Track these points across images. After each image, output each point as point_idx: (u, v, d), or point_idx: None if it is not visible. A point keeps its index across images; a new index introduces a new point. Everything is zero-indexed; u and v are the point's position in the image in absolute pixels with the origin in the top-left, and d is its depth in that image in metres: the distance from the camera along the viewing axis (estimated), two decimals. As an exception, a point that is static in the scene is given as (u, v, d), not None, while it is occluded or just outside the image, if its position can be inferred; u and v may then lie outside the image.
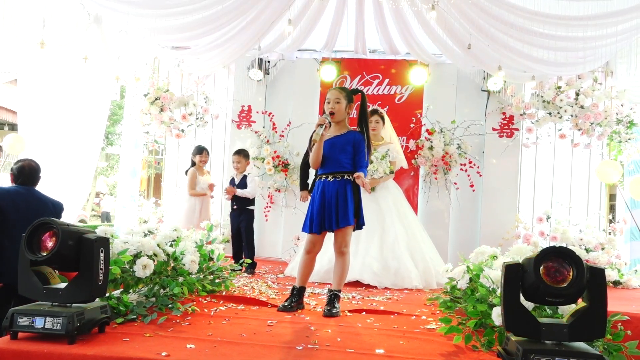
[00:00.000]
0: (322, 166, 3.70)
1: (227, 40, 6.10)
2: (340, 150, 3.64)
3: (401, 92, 7.22)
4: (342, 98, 3.67)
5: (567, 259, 2.31)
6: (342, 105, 3.66)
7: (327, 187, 3.65)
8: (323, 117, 3.60)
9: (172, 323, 3.03)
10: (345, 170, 3.65)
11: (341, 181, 3.63)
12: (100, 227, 3.37)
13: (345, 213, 3.58)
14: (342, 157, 3.64)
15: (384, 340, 2.90)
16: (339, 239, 3.66)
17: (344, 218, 3.57)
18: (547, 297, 2.33)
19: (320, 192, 3.67)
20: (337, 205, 3.59)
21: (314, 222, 3.65)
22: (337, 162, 3.65)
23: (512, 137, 7.07)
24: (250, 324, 3.13)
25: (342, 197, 3.59)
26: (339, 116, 3.67)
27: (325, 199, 3.63)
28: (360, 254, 5.33)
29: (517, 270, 2.41)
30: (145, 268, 3.28)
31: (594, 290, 2.33)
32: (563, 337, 2.34)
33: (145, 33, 5.55)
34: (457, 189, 7.05)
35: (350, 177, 3.64)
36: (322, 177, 3.70)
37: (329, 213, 3.60)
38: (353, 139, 3.65)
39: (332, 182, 3.64)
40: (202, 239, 4.18)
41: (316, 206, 3.66)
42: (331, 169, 3.67)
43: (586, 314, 2.34)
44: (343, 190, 3.61)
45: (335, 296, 3.61)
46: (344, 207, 3.58)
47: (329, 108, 3.63)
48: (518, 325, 2.39)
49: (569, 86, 6.55)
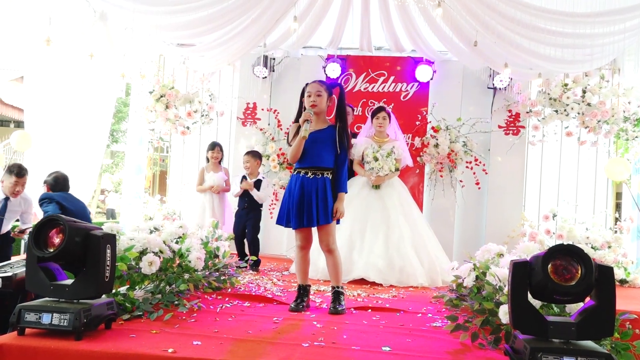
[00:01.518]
0: (301, 160, 3.65)
1: (232, 37, 6.10)
2: (321, 145, 3.60)
3: (406, 89, 7.19)
4: (323, 91, 3.62)
5: (575, 257, 2.30)
6: (323, 98, 3.61)
7: (306, 183, 3.60)
8: (307, 112, 3.55)
9: (178, 320, 3.03)
10: (325, 167, 3.62)
11: (321, 179, 3.60)
12: (106, 224, 3.38)
13: (326, 211, 3.56)
14: (324, 153, 3.60)
15: (390, 338, 2.89)
16: (324, 237, 3.65)
17: (324, 216, 3.56)
18: (555, 295, 2.31)
19: (298, 186, 3.61)
20: (317, 202, 3.56)
21: (292, 218, 3.61)
22: (317, 158, 3.60)
23: (518, 135, 7.04)
24: (256, 321, 3.13)
25: (322, 195, 3.56)
26: (320, 109, 3.62)
27: (304, 194, 3.58)
28: (365, 252, 5.32)
29: (525, 268, 2.39)
30: (151, 265, 3.28)
31: (602, 288, 2.31)
32: (571, 335, 2.32)
33: (150, 30, 5.55)
34: (463, 187, 7.02)
35: (329, 175, 3.62)
36: (301, 172, 3.65)
37: (309, 210, 3.56)
38: (334, 134, 3.61)
39: (312, 179, 3.60)
40: (207, 236, 4.18)
41: (294, 201, 3.60)
42: (311, 164, 3.62)
43: (594, 312, 2.33)
44: (323, 188, 3.58)
45: (339, 293, 3.62)
46: (324, 205, 3.56)
47: (310, 101, 3.58)
48: (525, 324, 2.38)
49: (576, 83, 6.51)
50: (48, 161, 6.61)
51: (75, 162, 6.87)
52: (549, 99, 6.51)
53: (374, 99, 7.14)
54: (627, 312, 2.83)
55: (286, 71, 7.53)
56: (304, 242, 3.71)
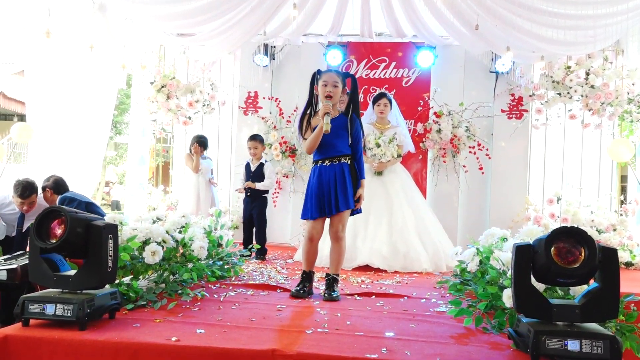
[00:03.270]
0: (318, 151, 3.66)
1: (232, 26, 6.06)
2: (334, 134, 3.58)
3: (408, 75, 7.15)
4: (339, 82, 3.62)
5: (578, 239, 2.28)
6: (339, 89, 3.61)
7: (324, 172, 3.61)
8: (326, 104, 3.53)
9: (182, 309, 3.04)
10: (341, 154, 3.62)
11: (338, 165, 3.60)
12: (109, 214, 3.38)
13: (345, 196, 3.56)
14: (337, 142, 3.61)
15: (394, 324, 2.89)
16: (336, 223, 3.63)
17: (344, 201, 3.55)
18: (559, 277, 2.30)
19: (317, 177, 3.63)
20: (337, 188, 3.56)
21: (314, 208, 3.61)
22: (332, 147, 3.61)
23: (521, 119, 6.99)
24: (259, 309, 3.13)
25: (341, 180, 3.57)
26: (335, 99, 3.61)
27: (323, 183, 3.59)
28: (369, 239, 5.33)
29: (528, 251, 2.38)
30: (154, 255, 3.28)
31: (606, 270, 2.30)
32: (575, 318, 2.31)
33: (149, 20, 5.51)
34: (466, 172, 7.00)
35: (347, 160, 3.61)
36: (319, 163, 3.66)
37: (329, 197, 3.57)
38: (347, 123, 3.61)
39: (329, 166, 3.61)
40: (210, 225, 4.18)
41: (314, 191, 3.62)
42: (327, 154, 3.63)
43: (598, 294, 2.32)
44: (341, 174, 3.58)
45: (334, 280, 3.63)
46: (344, 191, 3.56)
47: (326, 91, 3.57)
48: (529, 307, 2.38)
49: (579, 66, 6.45)
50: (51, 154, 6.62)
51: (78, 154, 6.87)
52: (551, 81, 6.45)
53: (376, 86, 7.09)
54: (632, 294, 2.81)
55: (287, 59, 7.49)
56: (315, 234, 3.70)
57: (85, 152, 6.94)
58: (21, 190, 4.83)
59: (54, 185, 5.09)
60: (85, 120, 6.85)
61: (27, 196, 4.86)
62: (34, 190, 4.91)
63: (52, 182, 5.12)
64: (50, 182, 5.12)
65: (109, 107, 7.26)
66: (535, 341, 2.24)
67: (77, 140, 6.79)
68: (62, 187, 5.13)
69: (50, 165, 6.27)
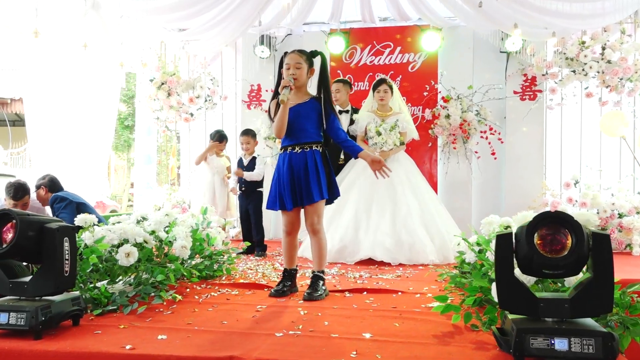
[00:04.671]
0: (286, 137, 3.43)
1: (226, 17, 5.90)
2: (305, 118, 3.36)
3: (414, 59, 6.88)
4: (303, 62, 3.38)
5: (564, 225, 2.03)
6: (304, 70, 3.37)
7: (294, 159, 3.37)
8: (286, 79, 3.32)
9: (154, 312, 2.88)
10: (312, 140, 3.38)
11: (309, 152, 3.36)
12: (80, 216, 3.25)
13: (319, 186, 3.32)
14: (308, 126, 3.37)
15: (376, 323, 2.67)
16: (311, 215, 3.38)
17: (317, 192, 3.31)
18: (544, 269, 2.06)
19: (287, 165, 3.38)
20: (308, 177, 3.33)
21: (285, 199, 3.37)
22: (303, 132, 3.37)
23: (535, 100, 6.66)
24: (237, 310, 2.95)
25: (313, 169, 3.33)
26: (300, 81, 3.38)
27: (294, 172, 3.36)
28: (371, 230, 5.10)
29: (510, 240, 2.14)
30: (129, 256, 3.13)
31: (598, 258, 2.04)
32: (564, 313, 2.06)
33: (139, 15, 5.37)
34: (479, 158, 6.70)
35: (318, 148, 3.39)
36: (288, 149, 3.41)
37: (299, 187, 3.35)
38: (317, 107, 3.38)
39: (300, 154, 3.37)
40: (198, 223, 4.02)
41: (285, 181, 3.37)
42: (297, 140, 3.38)
43: (590, 286, 2.06)
44: (313, 162, 3.34)
45: (318, 278, 3.38)
46: (316, 180, 3.32)
47: (289, 74, 3.35)
48: (513, 302, 2.14)
49: (594, 40, 6.08)
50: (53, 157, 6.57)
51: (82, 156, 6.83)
52: (565, 58, 6.10)
53: (381, 72, 6.85)
54: (637, 283, 2.54)
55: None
56: (290, 227, 3.49)
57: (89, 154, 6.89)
58: (14, 192, 4.79)
59: (49, 183, 5.06)
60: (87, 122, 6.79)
61: (20, 197, 4.82)
62: (27, 191, 4.86)
63: (48, 180, 5.08)
64: (46, 180, 5.09)
65: (112, 107, 7.19)
66: (518, 340, 2.00)
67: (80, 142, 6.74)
68: (56, 186, 5.08)
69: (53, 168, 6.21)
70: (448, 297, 2.71)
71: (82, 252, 2.98)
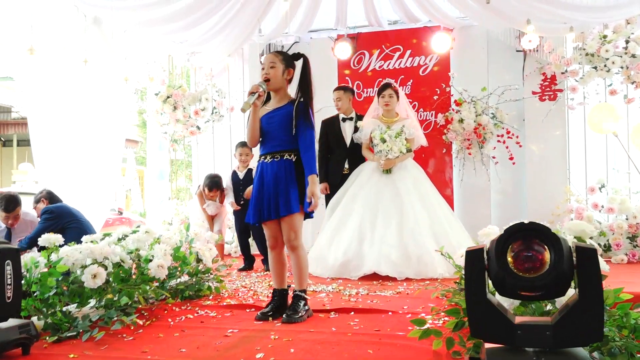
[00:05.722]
0: (262, 145, 3.22)
1: (225, 26, 5.75)
2: (278, 125, 3.13)
3: (425, 62, 6.58)
4: (278, 62, 3.16)
5: (540, 239, 1.73)
6: (278, 70, 3.15)
7: (265, 170, 3.16)
8: (256, 84, 3.11)
9: (116, 338, 2.68)
10: (285, 149, 3.13)
11: (280, 162, 3.13)
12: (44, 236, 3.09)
13: (287, 199, 3.06)
14: (281, 134, 3.12)
15: (349, 350, 2.40)
16: (286, 230, 3.13)
17: (285, 205, 3.06)
18: (519, 290, 1.76)
19: (258, 175, 3.18)
20: (277, 190, 3.09)
21: (254, 211, 3.17)
22: (275, 140, 3.14)
23: (555, 100, 6.25)
24: (204, 336, 2.72)
25: (283, 181, 3.09)
26: (275, 83, 3.16)
27: (264, 183, 3.14)
28: (376, 243, 4.80)
29: (481, 257, 1.85)
30: (95, 277, 2.95)
31: (583, 277, 1.73)
32: (546, 342, 1.76)
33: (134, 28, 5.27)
34: (497, 164, 6.32)
35: (292, 157, 3.14)
36: (261, 158, 3.21)
37: (268, 199, 3.11)
38: (290, 110, 3.13)
39: (271, 164, 3.14)
40: (181, 241, 3.82)
41: (254, 192, 3.18)
42: (270, 149, 3.16)
43: (576, 309, 1.75)
44: (283, 172, 3.10)
45: (299, 298, 3.10)
46: (285, 193, 3.07)
47: (263, 75, 3.14)
48: (487, 329, 1.83)
49: (617, 34, 5.67)
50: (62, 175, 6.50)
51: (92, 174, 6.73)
52: (585, 54, 5.70)
53: (391, 77, 6.57)
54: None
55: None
56: (273, 241, 3.25)
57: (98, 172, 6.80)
58: (5, 204, 4.74)
59: (48, 196, 5.01)
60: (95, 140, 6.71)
61: (12, 209, 4.78)
62: (18, 203, 4.81)
63: (46, 194, 5.04)
64: (44, 193, 5.05)
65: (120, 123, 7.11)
66: (488, 376, 1.70)
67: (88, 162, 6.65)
68: (55, 198, 5.03)
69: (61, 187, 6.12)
70: (426, 321, 2.41)
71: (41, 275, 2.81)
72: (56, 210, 4.69)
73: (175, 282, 3.60)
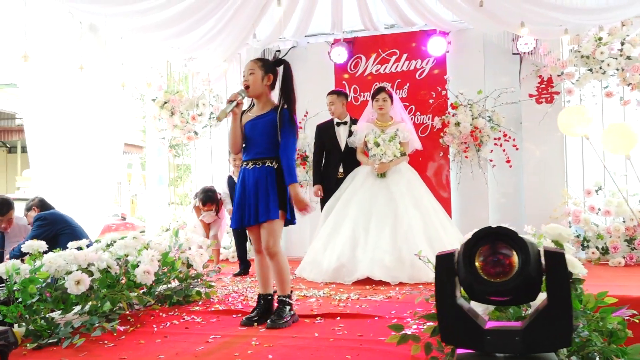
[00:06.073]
0: (245, 151, 3.24)
1: (220, 31, 5.76)
2: (261, 132, 3.14)
3: (422, 66, 6.55)
4: (257, 68, 3.17)
5: (509, 243, 1.71)
6: (257, 76, 3.16)
7: (247, 176, 3.18)
8: (236, 92, 3.13)
9: (96, 345, 2.69)
10: (267, 156, 3.15)
11: (262, 168, 3.13)
12: (28, 242, 3.10)
13: (266, 206, 3.07)
14: (264, 141, 3.14)
15: (327, 356, 2.40)
16: (265, 236, 3.13)
17: (264, 211, 3.07)
18: (487, 295, 1.74)
19: (240, 181, 3.21)
20: (258, 196, 3.09)
21: (234, 216, 3.19)
22: (257, 147, 3.16)
23: (552, 102, 6.20)
24: (185, 342, 2.72)
25: (263, 187, 3.09)
26: (256, 90, 3.17)
27: (246, 189, 3.15)
28: (370, 248, 4.79)
29: (451, 261, 1.82)
30: (79, 284, 2.95)
31: (552, 281, 1.71)
32: (515, 348, 1.73)
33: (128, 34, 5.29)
34: (494, 167, 6.28)
35: (273, 164, 3.14)
36: (244, 164, 3.23)
37: (249, 205, 3.12)
38: (273, 117, 3.14)
39: (252, 170, 3.16)
40: (170, 246, 3.82)
41: (237, 198, 3.21)
42: (253, 155, 3.18)
43: (545, 314, 1.72)
44: (264, 179, 3.11)
45: (283, 303, 3.10)
46: (265, 199, 3.08)
47: (243, 82, 3.16)
48: (456, 335, 1.81)
49: (613, 36, 5.63)
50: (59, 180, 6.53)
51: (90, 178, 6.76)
52: (580, 57, 5.67)
53: (388, 81, 6.55)
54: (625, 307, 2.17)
55: (293, 62, 6.86)
56: (257, 245, 3.26)
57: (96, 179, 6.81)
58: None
59: (39, 204, 5.00)
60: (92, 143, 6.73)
61: (5, 212, 4.81)
62: (11, 206, 4.83)
63: (38, 201, 5.04)
64: (36, 201, 5.05)
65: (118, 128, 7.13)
66: (456, 382, 1.69)
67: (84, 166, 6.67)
68: (47, 205, 5.02)
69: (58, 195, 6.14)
70: (403, 327, 2.39)
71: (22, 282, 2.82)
72: (49, 217, 4.70)
73: (164, 287, 3.60)
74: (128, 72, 6.58)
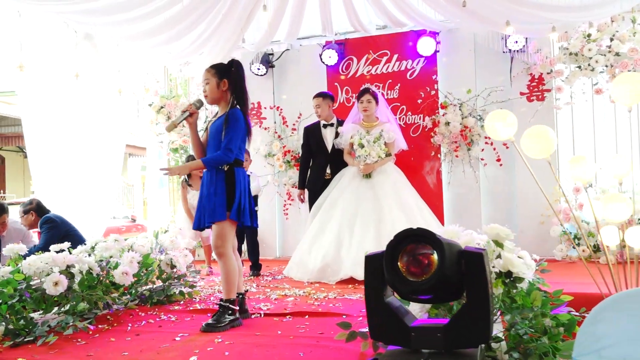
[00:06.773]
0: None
1: (210, 37, 5.88)
2: (212, 136, 3.25)
3: (412, 66, 6.60)
4: (211, 76, 3.27)
5: (427, 243, 1.79)
6: (212, 84, 3.26)
7: (204, 179, 3.30)
8: (190, 103, 3.26)
9: (69, 343, 2.81)
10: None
11: (212, 171, 3.24)
12: (9, 246, 3.24)
13: (213, 207, 3.17)
14: (215, 144, 3.23)
15: (281, 353, 2.49)
16: (213, 237, 3.24)
17: (210, 213, 3.17)
18: (409, 294, 1.82)
19: (202, 184, 3.34)
20: (208, 198, 3.20)
21: (194, 218, 3.34)
22: (211, 150, 3.27)
23: (544, 100, 6.21)
24: (153, 340, 2.83)
25: (213, 190, 3.20)
26: (213, 97, 3.28)
27: (202, 192, 3.28)
28: (354, 248, 4.87)
29: (379, 262, 1.91)
30: (57, 285, 3.09)
31: (471, 280, 1.78)
32: (437, 344, 1.81)
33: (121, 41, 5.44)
34: (485, 165, 6.32)
35: (222, 167, 3.23)
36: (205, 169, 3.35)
37: (203, 207, 3.24)
38: (222, 120, 3.22)
39: (207, 173, 3.28)
40: (152, 248, 3.95)
41: (198, 200, 3.33)
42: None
43: (465, 312, 1.80)
44: (214, 182, 3.21)
45: (224, 308, 3.14)
46: (212, 201, 3.18)
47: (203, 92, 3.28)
48: (384, 332, 1.90)
49: (601, 32, 5.62)
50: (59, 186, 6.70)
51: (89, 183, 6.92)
52: (569, 54, 5.68)
53: (379, 82, 6.62)
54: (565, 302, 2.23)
55: (286, 65, 7.19)
56: None
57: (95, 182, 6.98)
58: None
59: (37, 208, 5.15)
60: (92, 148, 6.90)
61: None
62: (5, 210, 4.99)
63: (35, 205, 5.19)
64: (34, 205, 5.19)
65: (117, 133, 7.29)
66: (379, 377, 1.77)
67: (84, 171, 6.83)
68: (44, 210, 5.17)
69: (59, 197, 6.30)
70: (351, 324, 2.47)
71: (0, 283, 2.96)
72: (57, 218, 4.89)
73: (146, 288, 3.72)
74: (126, 78, 6.74)
